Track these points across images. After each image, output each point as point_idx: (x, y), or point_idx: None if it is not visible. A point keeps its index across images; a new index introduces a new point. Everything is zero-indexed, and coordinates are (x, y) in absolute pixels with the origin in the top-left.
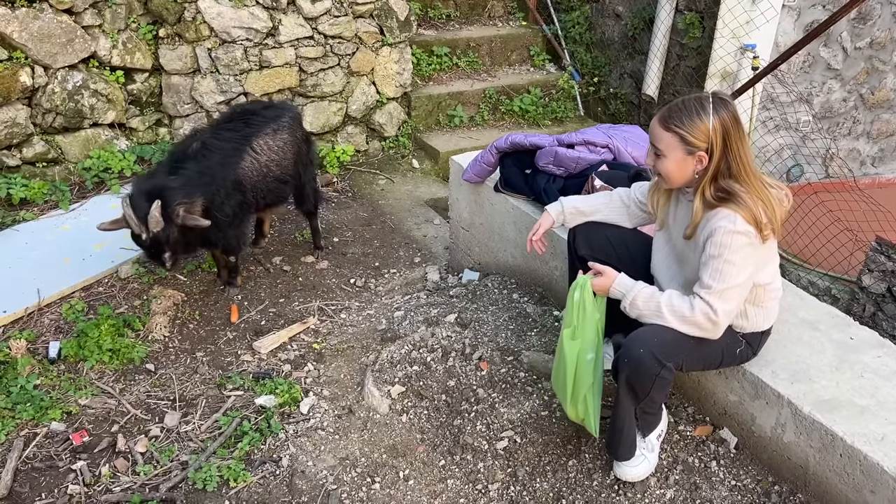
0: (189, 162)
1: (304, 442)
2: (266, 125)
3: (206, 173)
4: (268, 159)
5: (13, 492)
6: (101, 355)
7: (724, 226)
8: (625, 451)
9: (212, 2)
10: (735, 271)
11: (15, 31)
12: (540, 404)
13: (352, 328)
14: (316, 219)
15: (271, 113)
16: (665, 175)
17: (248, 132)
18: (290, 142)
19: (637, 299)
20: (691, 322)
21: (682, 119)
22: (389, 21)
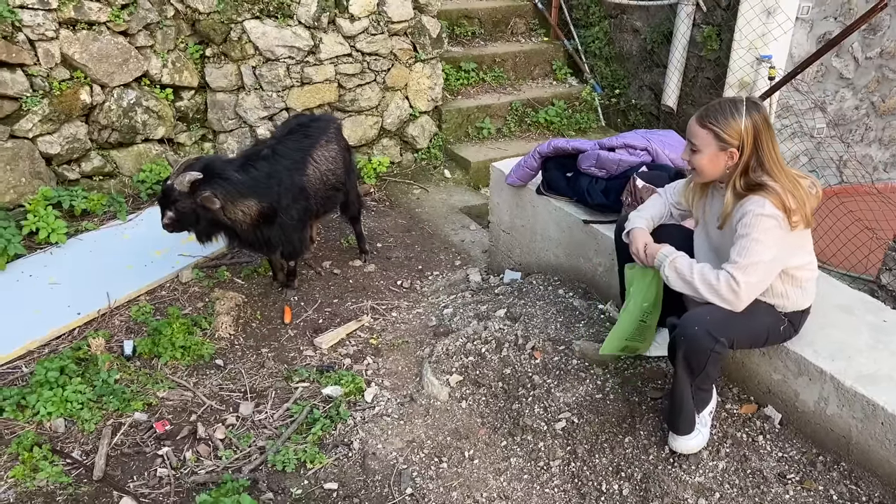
0: (261, 162)
1: (371, 427)
2: (320, 136)
3: (274, 176)
4: (326, 168)
5: (107, 475)
6: (174, 352)
7: (753, 209)
8: (685, 425)
9: (257, 22)
10: (760, 249)
11: (76, 52)
12: (594, 388)
13: (404, 325)
14: (360, 224)
15: (321, 125)
16: (699, 168)
17: (308, 143)
18: (338, 151)
19: (674, 262)
20: (716, 290)
21: (717, 118)
22: (422, 38)
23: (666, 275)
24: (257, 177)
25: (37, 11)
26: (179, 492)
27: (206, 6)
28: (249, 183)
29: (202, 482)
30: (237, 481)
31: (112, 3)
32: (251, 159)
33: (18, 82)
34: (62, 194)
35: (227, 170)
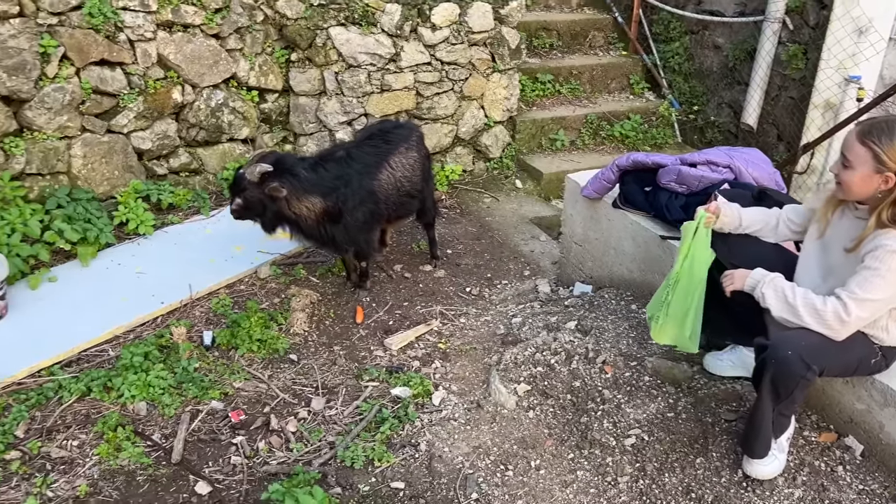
0: (331, 164)
1: (438, 430)
2: (400, 143)
3: (342, 178)
4: (401, 175)
5: (185, 459)
6: (250, 344)
7: (888, 245)
8: (761, 449)
9: (342, 29)
10: (883, 286)
11: (171, 53)
12: (665, 406)
13: (472, 332)
14: (433, 230)
15: (403, 132)
16: (846, 185)
17: (387, 149)
18: (417, 159)
19: (770, 285)
20: (820, 316)
21: (881, 137)
22: (501, 49)
23: (762, 293)
24: (325, 176)
25: (137, 13)
26: (252, 480)
27: (294, 12)
28: (316, 181)
29: (273, 472)
30: (308, 474)
31: (206, 6)
32: (323, 160)
33: (117, 80)
34: (151, 188)
35: (296, 167)
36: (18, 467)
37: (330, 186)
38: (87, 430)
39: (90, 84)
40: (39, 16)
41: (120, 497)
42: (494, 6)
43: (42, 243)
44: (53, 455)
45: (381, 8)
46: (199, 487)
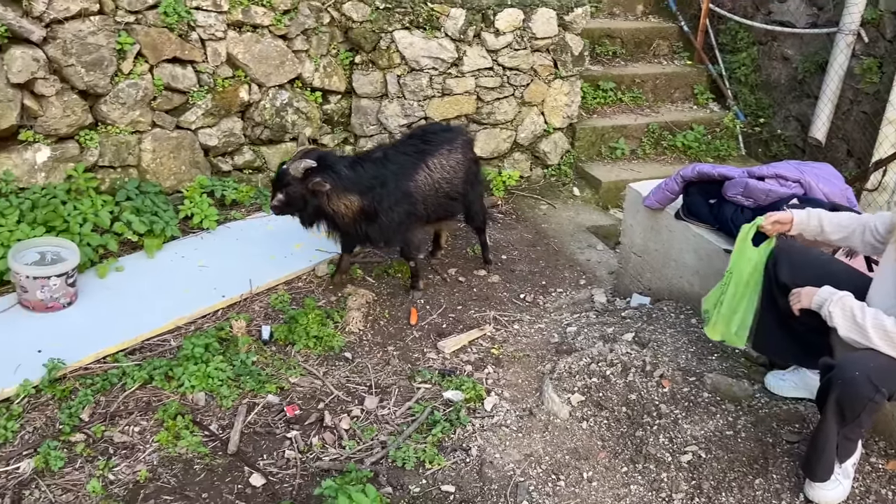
0: (368, 164)
1: (489, 436)
2: (442, 146)
3: (378, 178)
4: (440, 177)
5: (240, 450)
6: (307, 341)
7: None
8: (823, 472)
9: (406, 33)
10: None
11: (240, 53)
12: (724, 424)
13: (525, 339)
14: (484, 235)
15: (447, 135)
16: None
17: (426, 150)
18: (461, 162)
19: (838, 304)
20: (890, 337)
21: None
22: (564, 55)
23: (829, 311)
24: (363, 175)
25: (209, 13)
26: (305, 475)
27: (359, 15)
28: (355, 179)
29: (326, 468)
30: (360, 472)
31: (275, 8)
32: (362, 159)
33: (188, 77)
34: (216, 184)
35: (337, 164)
36: (83, 450)
37: (367, 186)
38: (148, 417)
39: (162, 81)
40: (118, 14)
41: (178, 484)
42: (559, 12)
43: (111, 234)
44: (116, 440)
45: (446, 12)
46: (253, 479)
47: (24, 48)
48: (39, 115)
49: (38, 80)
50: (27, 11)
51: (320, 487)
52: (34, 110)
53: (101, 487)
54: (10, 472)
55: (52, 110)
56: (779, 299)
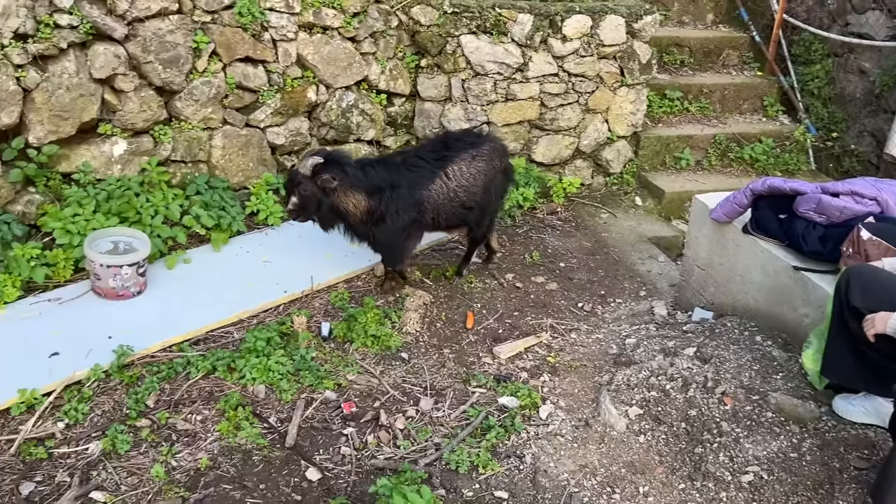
0: (382, 167)
1: (544, 444)
2: (465, 152)
3: (388, 181)
4: (457, 185)
5: (297, 444)
6: (365, 339)
7: None
8: (893, 500)
9: (472, 37)
10: None
11: (310, 54)
12: (788, 446)
13: (582, 348)
14: (475, 247)
15: (473, 142)
16: None
17: (447, 157)
18: (484, 172)
19: None
20: None
21: None
22: (631, 63)
23: None
24: (371, 176)
25: (282, 14)
26: (359, 472)
27: (427, 19)
28: (361, 178)
29: (381, 467)
30: (415, 472)
31: (345, 10)
32: (377, 162)
33: (259, 77)
34: (281, 181)
35: (345, 162)
36: (147, 435)
37: (375, 186)
38: (210, 407)
39: (234, 79)
40: (195, 13)
41: (237, 474)
42: (628, 20)
43: (180, 226)
44: (179, 427)
45: (514, 18)
46: (309, 473)
47: (107, 45)
48: (118, 109)
49: (119, 75)
50: (111, 10)
51: (375, 485)
52: (113, 105)
53: (164, 473)
54: (80, 452)
55: (129, 105)
56: (850, 323)
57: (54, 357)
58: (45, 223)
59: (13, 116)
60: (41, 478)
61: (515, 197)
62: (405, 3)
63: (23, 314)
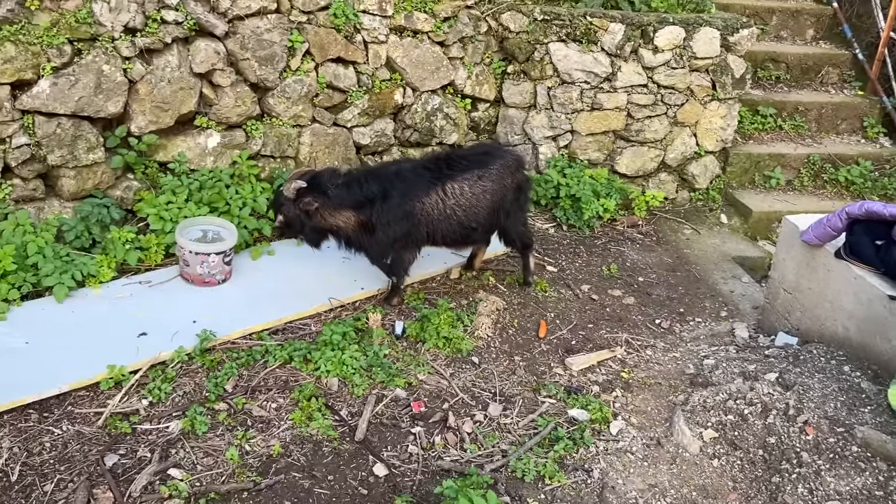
0: (373, 179)
1: (613, 460)
2: (469, 171)
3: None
4: (455, 203)
5: (367, 439)
6: (437, 340)
7: None
8: None
9: (561, 45)
10: None
11: (399, 57)
12: (874, 483)
13: (658, 366)
14: (528, 256)
15: (481, 159)
16: None
17: (446, 174)
18: (491, 191)
19: None
20: None
21: None
22: (724, 77)
23: None
24: (356, 192)
25: (375, 17)
26: (425, 472)
27: (516, 25)
28: (346, 196)
29: (447, 468)
30: (480, 476)
31: (437, 15)
32: (366, 174)
33: (349, 77)
34: None
35: (328, 184)
36: (224, 418)
37: (363, 199)
38: (285, 396)
39: (325, 79)
40: (292, 13)
41: (307, 463)
42: (723, 33)
43: (266, 219)
44: (254, 413)
45: (605, 27)
46: (377, 469)
47: (208, 41)
48: (214, 103)
49: (217, 71)
50: (213, 7)
51: (441, 487)
52: (210, 98)
53: (238, 456)
54: (161, 430)
55: (225, 100)
56: None
57: (142, 337)
58: (140, 209)
59: (118, 106)
60: (124, 451)
61: (595, 207)
62: (496, 9)
63: (116, 294)
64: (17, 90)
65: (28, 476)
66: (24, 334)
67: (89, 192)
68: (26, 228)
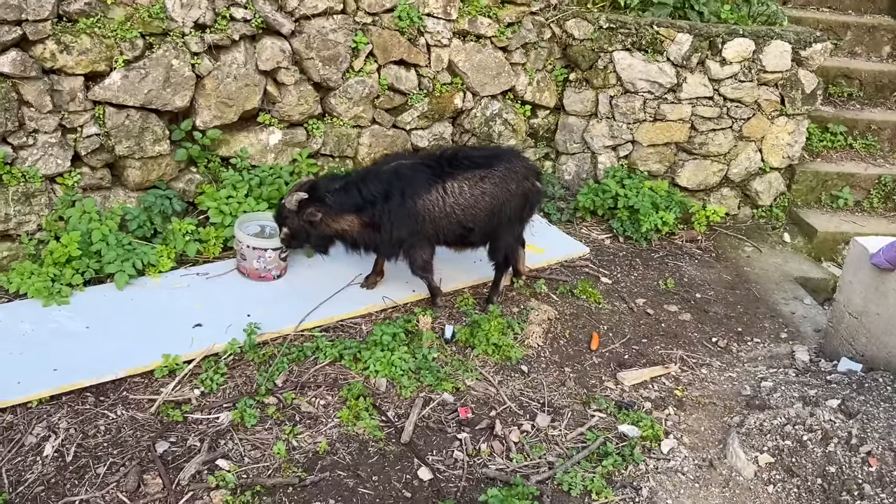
0: (372, 179)
1: (663, 479)
2: (471, 171)
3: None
4: (454, 202)
5: (412, 441)
6: (486, 347)
7: None
8: None
9: (625, 54)
10: None
11: (461, 61)
12: None
13: (713, 385)
14: (500, 274)
15: (487, 161)
16: None
17: (447, 172)
18: (492, 194)
19: None
20: None
21: None
22: (793, 92)
23: None
24: (356, 195)
25: (439, 20)
26: (470, 479)
27: (581, 33)
28: (346, 200)
29: (492, 477)
30: (526, 487)
31: (501, 20)
32: (364, 176)
33: (410, 80)
34: None
35: (328, 191)
36: (273, 412)
37: (367, 201)
38: (333, 393)
39: (387, 81)
40: (358, 14)
41: (352, 462)
42: (795, 47)
43: None
44: (303, 409)
45: (672, 37)
46: (421, 472)
47: (274, 39)
48: (277, 101)
49: (281, 69)
50: (281, 6)
51: (485, 495)
52: (274, 96)
53: (285, 451)
54: (211, 420)
55: (288, 98)
56: None
57: (197, 328)
58: (201, 202)
59: (185, 100)
60: (175, 439)
61: (654, 220)
62: (561, 15)
63: (174, 284)
64: (91, 81)
65: (82, 457)
66: (86, 319)
67: (153, 184)
68: (92, 216)
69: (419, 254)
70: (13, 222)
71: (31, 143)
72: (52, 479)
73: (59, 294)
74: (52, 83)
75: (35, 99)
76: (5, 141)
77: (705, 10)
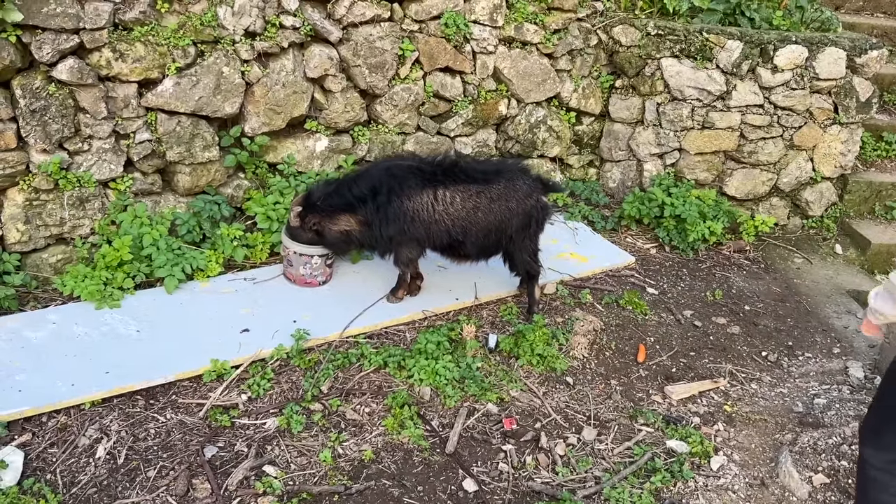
0: (360, 179)
1: (713, 497)
2: (467, 184)
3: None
4: (444, 210)
5: (457, 452)
6: (531, 357)
7: None
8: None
9: (674, 61)
10: None
11: (506, 68)
12: None
13: (763, 401)
14: (533, 287)
15: (486, 177)
16: None
17: (440, 180)
18: (487, 210)
19: None
20: None
21: None
22: (847, 100)
23: None
24: (346, 194)
25: (485, 27)
26: (515, 492)
27: (628, 39)
28: (336, 202)
29: (537, 490)
30: (573, 502)
31: (547, 27)
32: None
33: (455, 87)
34: None
35: (319, 196)
36: (319, 419)
37: (355, 200)
38: (378, 401)
39: (432, 88)
40: (404, 22)
41: (397, 471)
42: (850, 53)
43: None
44: (348, 416)
45: (721, 44)
46: (466, 484)
47: (322, 47)
48: (324, 107)
49: (329, 76)
50: (329, 14)
51: None
52: (320, 103)
53: (331, 458)
54: (258, 425)
55: (335, 105)
56: None
57: (245, 333)
58: (249, 207)
59: (235, 106)
60: (223, 444)
61: (701, 230)
62: (607, 22)
63: (222, 289)
64: (143, 88)
65: (133, 460)
66: (136, 322)
67: (202, 189)
68: (143, 221)
69: (405, 251)
70: (68, 226)
71: (87, 148)
72: (105, 482)
73: (111, 297)
74: (107, 90)
75: (91, 105)
76: (62, 147)
77: (756, 17)
